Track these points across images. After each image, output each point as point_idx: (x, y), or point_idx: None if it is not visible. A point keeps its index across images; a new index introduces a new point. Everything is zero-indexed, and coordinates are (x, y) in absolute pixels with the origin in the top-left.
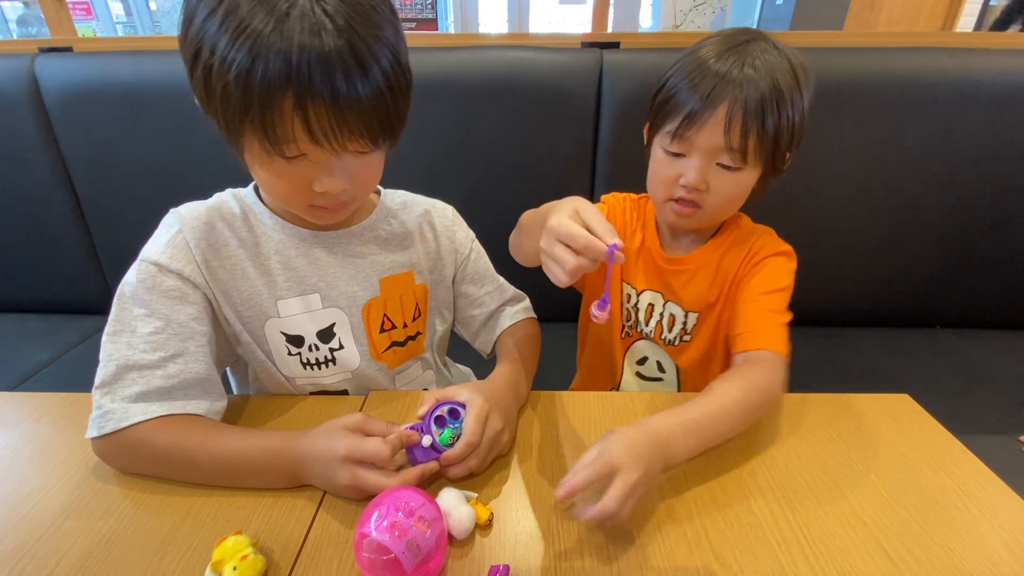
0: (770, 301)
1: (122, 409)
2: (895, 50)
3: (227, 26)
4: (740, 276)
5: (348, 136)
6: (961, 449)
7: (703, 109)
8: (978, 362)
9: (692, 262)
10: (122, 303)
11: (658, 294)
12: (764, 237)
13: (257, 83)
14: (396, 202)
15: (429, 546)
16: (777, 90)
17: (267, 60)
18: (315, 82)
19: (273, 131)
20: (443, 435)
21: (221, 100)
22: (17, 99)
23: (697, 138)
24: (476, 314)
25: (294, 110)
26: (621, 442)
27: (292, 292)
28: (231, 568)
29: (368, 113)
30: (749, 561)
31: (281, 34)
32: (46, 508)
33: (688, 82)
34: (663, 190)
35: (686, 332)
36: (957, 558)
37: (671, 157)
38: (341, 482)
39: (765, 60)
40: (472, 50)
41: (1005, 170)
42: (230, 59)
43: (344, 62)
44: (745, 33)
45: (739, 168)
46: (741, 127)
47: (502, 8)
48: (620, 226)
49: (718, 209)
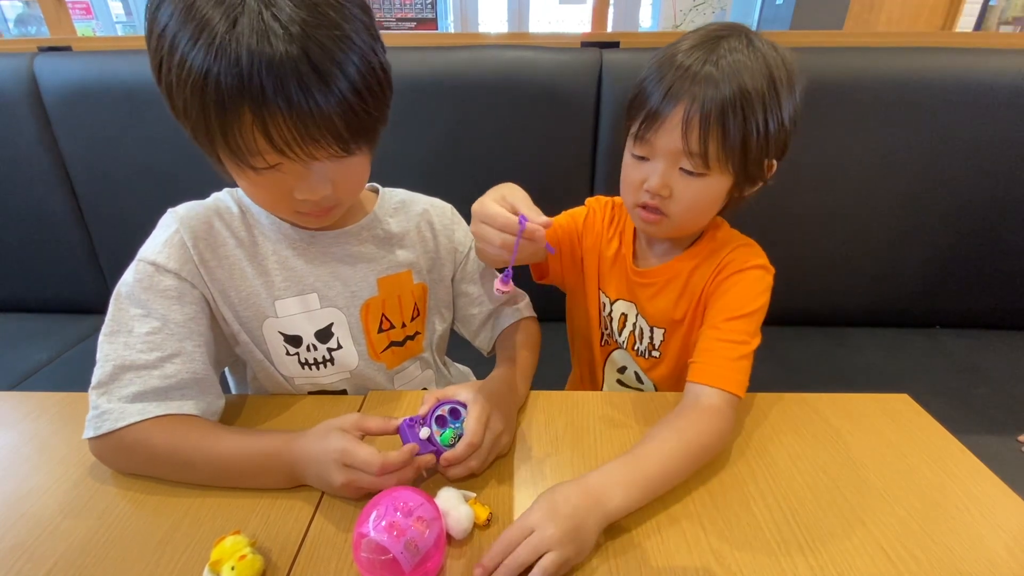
0: (733, 329)
1: (119, 409)
2: (895, 50)
3: (177, 41)
4: (707, 294)
5: (315, 145)
6: (960, 449)
7: (660, 109)
8: (977, 362)
9: (661, 275)
10: (119, 303)
11: (631, 304)
12: (738, 251)
13: (212, 94)
14: (394, 201)
15: (428, 546)
16: (743, 93)
17: (218, 72)
18: (267, 93)
19: (236, 144)
20: (444, 435)
21: (184, 115)
22: (16, 98)
23: (657, 140)
24: (476, 313)
25: (253, 122)
26: (544, 504)
27: (290, 292)
28: (229, 568)
29: (333, 122)
30: (748, 561)
31: (230, 44)
32: (45, 507)
33: (653, 79)
34: (630, 195)
35: (654, 347)
36: (956, 558)
37: (636, 160)
38: (336, 483)
39: (733, 59)
40: (472, 50)
41: (1005, 170)
42: (185, 75)
43: (298, 71)
44: (722, 29)
45: (702, 174)
46: (699, 130)
47: (502, 8)
48: (596, 232)
49: (684, 217)
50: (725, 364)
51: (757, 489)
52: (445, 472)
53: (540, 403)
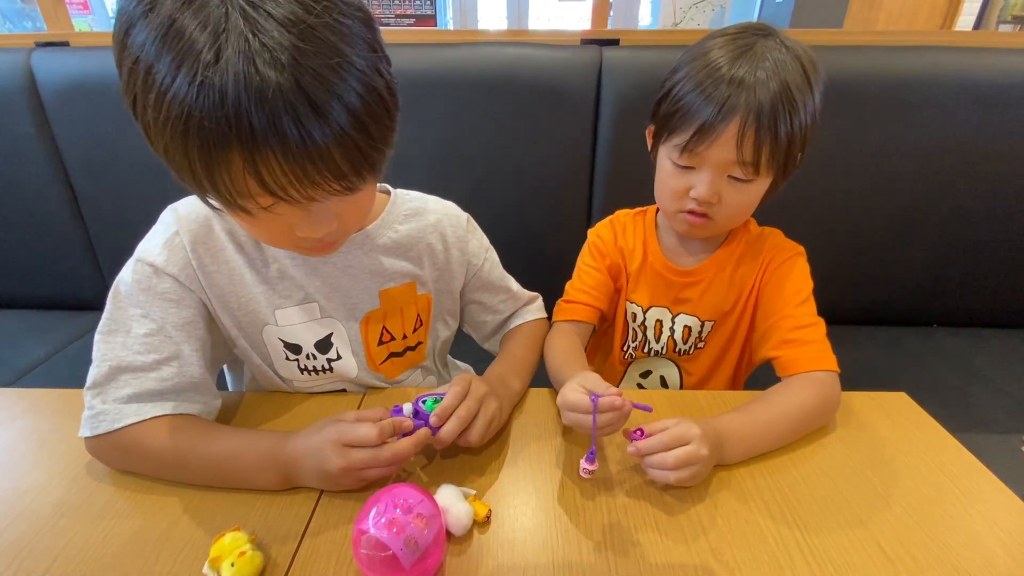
0: (806, 313)
1: (115, 410)
2: (894, 48)
3: (151, 82)
4: (759, 284)
5: (314, 187)
6: (958, 447)
7: (715, 124)
8: (975, 361)
9: (707, 271)
10: (117, 302)
11: (664, 309)
12: (773, 239)
13: (195, 135)
14: (406, 208)
15: (427, 543)
16: (787, 93)
17: (203, 104)
18: (257, 131)
19: (226, 188)
20: (427, 403)
21: (168, 159)
22: (13, 94)
23: (709, 153)
24: (489, 320)
25: (244, 165)
26: (700, 424)
27: (290, 302)
28: (229, 564)
29: (333, 159)
30: (747, 559)
31: (215, 69)
32: (43, 504)
33: (698, 93)
34: (673, 202)
35: (700, 340)
36: (953, 556)
37: (680, 169)
38: (334, 468)
39: (775, 59)
40: (471, 47)
41: (1003, 169)
42: (163, 118)
43: (291, 105)
44: (753, 31)
45: (751, 180)
46: (754, 142)
47: (501, 5)
48: (628, 250)
49: (730, 219)
50: (815, 347)
51: (755, 487)
52: (439, 439)
53: (540, 400)
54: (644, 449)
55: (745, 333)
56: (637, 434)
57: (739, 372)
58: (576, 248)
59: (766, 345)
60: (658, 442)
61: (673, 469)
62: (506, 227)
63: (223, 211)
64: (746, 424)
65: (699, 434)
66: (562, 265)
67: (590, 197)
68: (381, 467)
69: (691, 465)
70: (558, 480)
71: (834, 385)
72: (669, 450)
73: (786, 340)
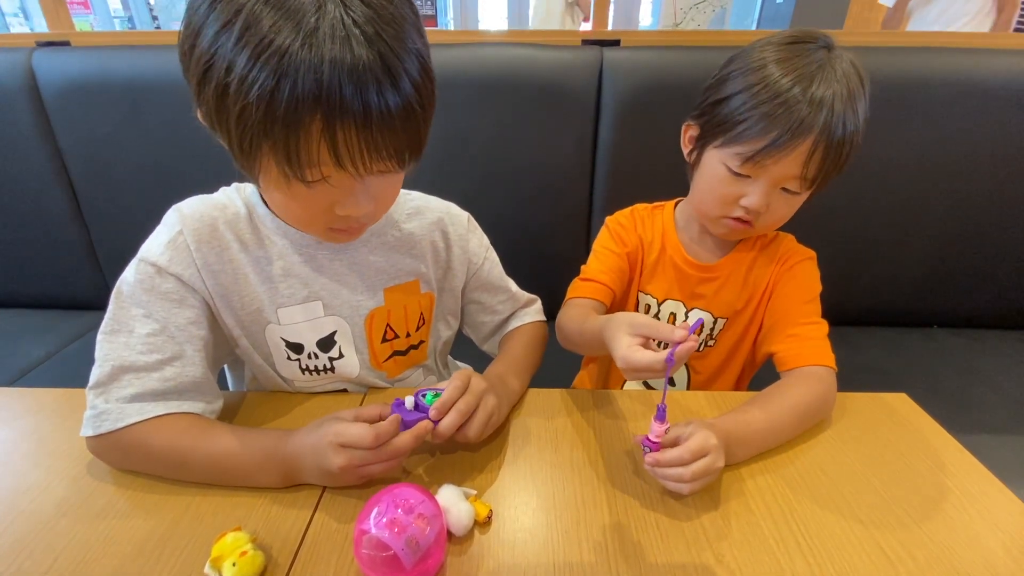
0: (811, 312)
1: (117, 410)
2: (894, 49)
3: (246, 42)
4: (773, 284)
5: (375, 158)
6: (958, 448)
7: (788, 142)
8: (975, 361)
9: (724, 269)
10: (120, 301)
11: (679, 303)
12: (787, 243)
13: (283, 104)
14: (409, 206)
15: (428, 543)
16: (853, 109)
17: (295, 79)
18: (346, 99)
19: (296, 155)
20: (427, 397)
21: (237, 122)
22: (14, 93)
23: (775, 167)
24: (487, 320)
25: (322, 132)
26: (715, 431)
27: (294, 300)
28: (230, 564)
29: (397, 131)
30: (747, 559)
31: (311, 49)
32: (44, 504)
33: (775, 106)
34: (720, 208)
35: (711, 337)
36: (954, 556)
37: (735, 177)
38: (335, 467)
39: (842, 71)
40: (471, 47)
41: (1003, 170)
42: (251, 79)
43: (376, 75)
44: (812, 40)
45: (800, 192)
46: (822, 159)
47: (502, 5)
48: (648, 241)
49: (768, 227)
50: (815, 343)
51: (756, 487)
52: (438, 432)
53: (541, 400)
54: (664, 462)
55: (755, 335)
56: (648, 442)
57: (745, 374)
58: (576, 248)
59: (769, 340)
60: (677, 457)
61: (690, 482)
62: (507, 227)
63: (260, 184)
64: (750, 424)
65: (716, 445)
66: (562, 265)
67: (591, 197)
68: (382, 463)
69: (707, 477)
70: (559, 480)
71: (831, 381)
72: (687, 464)
73: (788, 335)
